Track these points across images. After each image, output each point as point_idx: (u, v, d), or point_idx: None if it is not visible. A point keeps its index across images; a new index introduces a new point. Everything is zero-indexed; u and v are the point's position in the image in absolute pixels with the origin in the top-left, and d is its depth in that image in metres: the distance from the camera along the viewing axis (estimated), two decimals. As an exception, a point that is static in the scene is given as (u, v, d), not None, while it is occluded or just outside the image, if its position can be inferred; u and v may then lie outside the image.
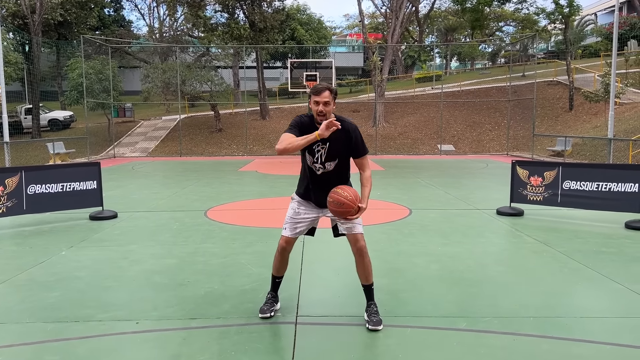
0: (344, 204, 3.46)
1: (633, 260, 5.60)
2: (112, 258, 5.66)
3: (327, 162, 3.71)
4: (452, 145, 25.03)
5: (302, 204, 3.87)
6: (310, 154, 3.72)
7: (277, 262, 3.95)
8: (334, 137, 3.60)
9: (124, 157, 22.91)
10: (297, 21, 38.36)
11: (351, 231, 3.73)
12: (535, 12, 35.92)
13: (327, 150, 3.68)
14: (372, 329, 3.64)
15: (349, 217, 3.50)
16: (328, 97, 3.58)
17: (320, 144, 3.67)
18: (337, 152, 3.70)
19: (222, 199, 9.99)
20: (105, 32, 35.97)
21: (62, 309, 4.10)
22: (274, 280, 4.02)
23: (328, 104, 3.58)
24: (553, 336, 3.55)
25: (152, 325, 3.75)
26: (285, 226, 3.88)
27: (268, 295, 4.01)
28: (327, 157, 3.70)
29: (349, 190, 3.52)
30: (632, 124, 19.83)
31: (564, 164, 7.99)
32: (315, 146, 3.68)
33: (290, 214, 3.89)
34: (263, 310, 3.89)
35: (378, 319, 3.71)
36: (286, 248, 3.87)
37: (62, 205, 7.69)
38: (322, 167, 3.72)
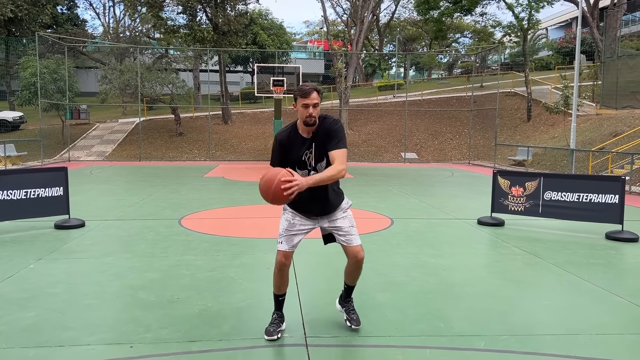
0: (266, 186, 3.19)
1: (625, 272, 5.62)
2: (87, 272, 5.23)
3: (317, 164, 3.49)
4: (415, 153, 25.25)
5: (296, 215, 3.60)
6: (301, 168, 3.49)
7: (277, 280, 3.64)
8: (318, 137, 3.44)
9: (79, 161, 21.92)
10: (259, 26, 37.99)
11: (350, 243, 3.58)
12: (492, 24, 36.94)
13: (315, 153, 3.47)
14: (355, 327, 3.74)
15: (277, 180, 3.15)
16: (317, 98, 3.35)
17: (308, 151, 3.47)
18: (324, 151, 3.47)
19: (194, 206, 9.58)
20: (59, 30, 34.53)
21: (42, 332, 3.69)
22: (277, 299, 3.73)
23: (317, 105, 3.35)
24: (577, 356, 3.42)
25: (149, 350, 3.41)
26: (280, 240, 3.58)
27: (273, 316, 3.72)
28: (316, 160, 3.48)
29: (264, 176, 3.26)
30: (589, 135, 20.49)
31: (546, 175, 8.03)
32: (304, 156, 3.47)
33: (285, 225, 3.60)
34: (269, 332, 3.60)
35: (357, 316, 3.82)
36: (285, 263, 3.56)
37: (25, 213, 7.13)
38: (315, 171, 3.50)
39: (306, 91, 3.32)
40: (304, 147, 3.45)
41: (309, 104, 3.32)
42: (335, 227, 3.61)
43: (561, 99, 20.83)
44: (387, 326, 3.87)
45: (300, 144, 3.45)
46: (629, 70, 21.89)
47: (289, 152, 3.47)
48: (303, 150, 3.45)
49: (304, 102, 3.32)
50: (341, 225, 3.60)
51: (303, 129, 3.44)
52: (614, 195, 7.33)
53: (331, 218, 3.61)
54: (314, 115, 3.34)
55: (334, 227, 3.62)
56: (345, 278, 3.83)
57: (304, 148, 3.45)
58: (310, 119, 3.34)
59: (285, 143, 3.46)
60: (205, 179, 14.82)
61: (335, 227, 3.61)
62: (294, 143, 3.45)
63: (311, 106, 3.32)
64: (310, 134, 3.45)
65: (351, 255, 3.60)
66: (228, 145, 25.33)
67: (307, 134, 3.45)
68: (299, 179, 3.20)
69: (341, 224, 3.61)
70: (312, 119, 3.35)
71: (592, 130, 21.01)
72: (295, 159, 3.47)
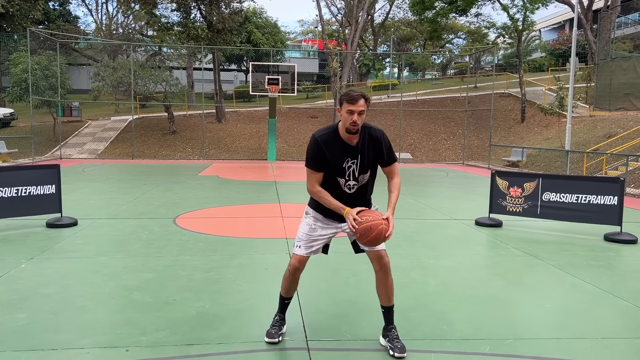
0: (372, 228, 3.09)
1: (626, 275, 5.56)
2: (80, 272, 5.10)
3: (360, 176, 3.36)
4: (410, 153, 25.21)
5: (318, 220, 3.45)
6: (339, 176, 3.33)
7: (287, 283, 3.54)
8: (365, 147, 3.30)
9: (71, 159, 21.68)
10: (253, 24, 37.82)
11: (373, 247, 3.38)
12: (486, 26, 37.05)
13: (360, 164, 3.32)
14: (399, 356, 3.30)
15: (384, 235, 3.11)
16: (364, 105, 3.17)
17: (350, 160, 3.31)
18: (369, 163, 3.35)
19: (189, 205, 9.45)
20: (51, 26, 34.15)
21: (34, 334, 3.57)
22: (282, 301, 3.63)
23: (363, 113, 3.18)
24: (584, 360, 3.35)
25: (145, 354, 3.29)
26: (299, 244, 3.46)
27: (275, 318, 3.62)
28: (360, 171, 3.34)
29: (367, 214, 3.16)
30: (583, 137, 20.53)
31: (544, 176, 7.98)
32: (345, 163, 3.30)
33: (305, 230, 3.46)
34: (271, 334, 3.50)
35: (402, 344, 3.37)
36: (299, 268, 3.45)
37: (16, 211, 6.98)
38: (356, 182, 3.36)
39: (354, 97, 3.16)
40: (346, 155, 3.29)
41: (355, 111, 3.16)
42: None
43: (556, 101, 20.85)
44: (389, 329, 3.78)
45: (342, 150, 3.28)
46: (622, 72, 21.97)
47: (328, 156, 3.28)
48: (345, 158, 3.29)
49: (349, 108, 3.16)
50: None
51: (345, 135, 3.27)
52: (613, 196, 7.28)
53: None
54: (358, 123, 3.19)
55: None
56: (380, 299, 3.51)
57: (347, 155, 3.29)
58: (354, 127, 3.19)
59: (328, 145, 3.26)
60: (200, 178, 14.68)
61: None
62: (336, 147, 3.28)
63: (356, 113, 3.16)
64: (354, 142, 3.30)
65: (375, 259, 3.42)
66: (222, 144, 25.17)
67: (350, 141, 3.28)
68: (391, 222, 3.15)
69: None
70: (355, 127, 3.19)
71: (585, 131, 21.05)
72: (334, 166, 3.30)
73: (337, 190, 3.34)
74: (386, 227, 3.11)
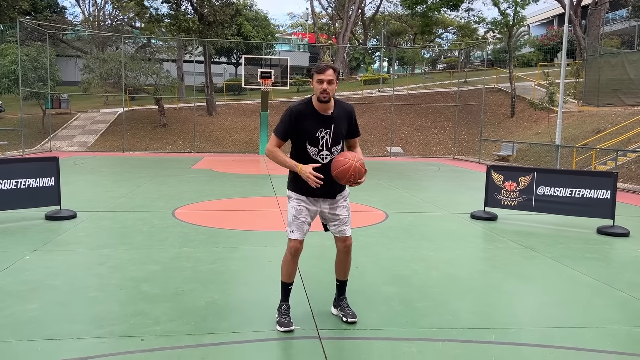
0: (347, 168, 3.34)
1: (620, 266, 5.70)
2: (86, 263, 5.13)
3: (333, 147, 3.54)
4: (401, 147, 25.35)
5: (301, 201, 3.62)
6: (312, 145, 3.51)
7: (289, 267, 3.65)
8: (338, 119, 3.51)
9: (60, 151, 21.49)
10: (244, 17, 37.64)
11: (344, 234, 3.69)
12: (475, 20, 37.22)
13: (333, 134, 3.51)
14: (352, 321, 3.71)
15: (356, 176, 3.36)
16: (332, 75, 3.40)
17: (322, 129, 3.49)
18: (341, 134, 3.58)
19: (186, 198, 9.47)
20: (38, 17, 33.77)
21: (48, 324, 3.60)
22: (286, 287, 3.72)
23: (332, 82, 3.40)
24: (586, 348, 3.46)
25: (161, 343, 3.35)
26: (291, 229, 3.60)
27: (282, 307, 3.69)
28: (332, 142, 3.53)
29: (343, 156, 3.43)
30: (572, 132, 20.79)
31: (539, 170, 8.12)
32: (318, 133, 3.48)
33: (292, 213, 3.62)
34: (284, 323, 3.57)
35: (353, 311, 3.78)
36: (299, 249, 3.63)
37: (15, 203, 6.97)
38: (329, 152, 3.54)
39: (322, 68, 3.42)
40: (320, 124, 3.47)
41: (324, 80, 3.37)
42: (335, 215, 3.66)
43: (546, 96, 21.07)
44: (397, 319, 3.87)
45: (316, 121, 3.47)
46: (611, 68, 22.24)
47: (301, 126, 3.47)
48: (319, 127, 3.47)
49: (319, 77, 3.39)
50: (340, 213, 3.66)
51: (318, 105, 3.46)
52: (606, 190, 7.44)
53: (333, 204, 3.65)
54: (328, 92, 3.38)
55: (333, 215, 3.66)
56: (336, 273, 3.87)
57: (320, 125, 3.47)
58: (324, 95, 3.39)
59: (299, 116, 3.46)
60: (193, 171, 14.67)
61: (334, 214, 3.66)
62: (310, 117, 3.46)
63: (325, 82, 3.37)
64: (328, 112, 3.48)
65: (341, 240, 3.71)
66: (213, 137, 25.11)
67: (324, 111, 3.47)
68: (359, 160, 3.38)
69: (341, 212, 3.66)
70: (326, 96, 3.39)
71: (574, 127, 21.32)
72: (308, 135, 3.48)
73: (311, 161, 3.52)
74: (361, 164, 3.38)
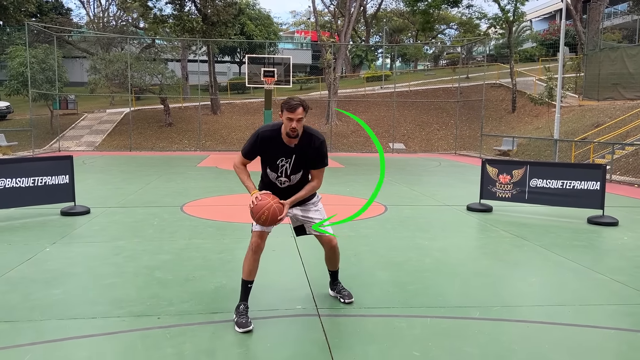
0: (255, 212, 3.56)
1: (605, 253, 6.05)
2: (102, 254, 5.50)
3: (292, 175, 3.74)
4: (403, 143, 25.66)
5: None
6: (272, 170, 3.72)
7: (250, 263, 3.69)
8: (301, 150, 3.66)
9: (69, 151, 21.93)
10: (246, 16, 38.00)
11: (323, 234, 3.92)
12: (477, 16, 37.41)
13: (293, 164, 3.70)
14: (349, 301, 4.07)
15: (279, 216, 3.56)
16: (301, 113, 3.53)
17: (284, 159, 3.68)
18: (303, 164, 3.73)
19: (193, 194, 9.85)
20: (44, 19, 34.23)
21: (72, 306, 3.98)
22: (246, 286, 3.71)
23: (300, 120, 3.54)
24: (562, 322, 3.81)
25: (175, 320, 3.72)
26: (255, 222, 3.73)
27: (241, 307, 3.66)
28: (292, 171, 3.72)
29: (265, 197, 3.60)
30: (571, 126, 21.06)
31: (532, 163, 8.44)
32: (279, 161, 3.68)
33: None
34: (242, 324, 3.54)
35: (348, 292, 4.16)
36: (260, 245, 3.71)
37: (32, 200, 7.35)
38: (288, 180, 3.75)
39: (292, 106, 3.51)
40: (281, 154, 3.65)
41: (293, 119, 3.50)
42: (308, 218, 3.90)
43: (545, 91, 21.33)
44: (390, 300, 4.23)
45: (280, 149, 3.65)
46: (611, 62, 22.48)
47: (265, 152, 3.66)
48: (280, 156, 3.66)
49: (288, 115, 3.51)
50: (313, 216, 3.90)
51: (285, 137, 3.63)
52: (596, 182, 7.76)
53: (304, 208, 3.89)
54: (297, 129, 3.55)
55: (306, 217, 3.90)
56: (327, 266, 4.19)
57: (282, 155, 3.65)
58: (293, 132, 3.56)
59: (266, 141, 3.64)
60: (199, 169, 15.06)
61: (307, 217, 3.90)
62: (274, 145, 3.64)
63: (295, 120, 3.51)
64: (292, 144, 3.65)
65: (326, 242, 3.95)
66: (218, 136, 25.50)
67: (289, 142, 3.64)
68: (286, 209, 3.60)
69: (313, 215, 3.90)
70: (294, 132, 3.56)
71: (574, 121, 21.58)
72: (269, 161, 3.70)
73: (271, 183, 3.79)
74: (280, 209, 3.57)
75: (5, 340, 3.35)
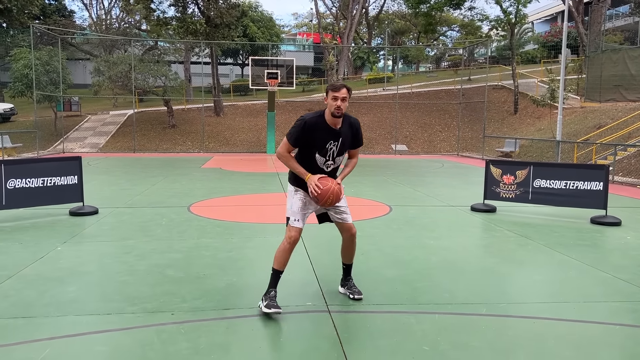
0: (322, 195, 3.77)
1: (608, 252, 6.12)
2: (113, 253, 5.59)
3: (337, 157, 3.98)
4: (405, 145, 25.74)
5: (306, 195, 3.98)
6: (321, 155, 3.91)
7: (285, 255, 3.89)
8: (344, 133, 3.92)
9: (73, 153, 22.04)
10: (249, 18, 38.14)
11: (346, 220, 4.08)
12: (479, 18, 37.51)
13: (339, 146, 3.93)
14: (358, 297, 4.16)
15: (341, 195, 3.84)
16: (346, 93, 3.78)
17: (332, 142, 3.88)
18: (346, 146, 4.00)
19: (199, 195, 9.94)
20: (47, 21, 34.38)
21: (87, 303, 4.07)
22: (277, 275, 3.91)
23: (345, 99, 3.77)
24: (567, 318, 3.88)
25: (189, 316, 3.80)
26: (296, 218, 3.92)
27: (272, 293, 3.87)
28: (338, 153, 3.96)
29: (324, 180, 3.84)
30: (574, 128, 21.13)
31: (535, 164, 8.52)
32: (328, 144, 3.88)
33: (299, 205, 3.96)
34: (274, 305, 3.77)
35: (358, 289, 4.24)
36: (298, 239, 3.91)
37: (42, 200, 7.46)
38: (333, 162, 3.98)
39: (337, 86, 3.81)
40: (330, 137, 3.87)
41: (338, 97, 3.75)
42: (335, 206, 4.02)
43: (548, 92, 21.40)
44: (398, 297, 4.31)
45: (326, 133, 3.86)
46: (613, 64, 22.54)
47: (312, 137, 3.85)
48: (329, 140, 3.87)
49: (334, 94, 3.75)
50: (340, 204, 4.04)
51: (330, 119, 3.84)
52: (599, 182, 7.84)
53: None
54: (341, 108, 3.77)
55: (333, 206, 4.02)
56: (342, 258, 4.28)
57: (330, 138, 3.87)
58: (338, 111, 3.77)
59: (312, 127, 3.83)
60: (204, 170, 15.15)
61: (334, 205, 4.01)
62: (321, 130, 3.85)
63: (340, 99, 3.74)
64: (337, 126, 3.88)
65: (346, 229, 4.09)
66: (221, 137, 25.61)
67: (334, 125, 3.86)
68: (338, 183, 3.88)
69: (340, 202, 4.04)
70: (339, 111, 3.78)
71: (576, 122, 21.65)
72: (318, 145, 3.87)
73: (315, 169, 3.94)
74: (340, 189, 3.83)
75: (24, 335, 3.44)
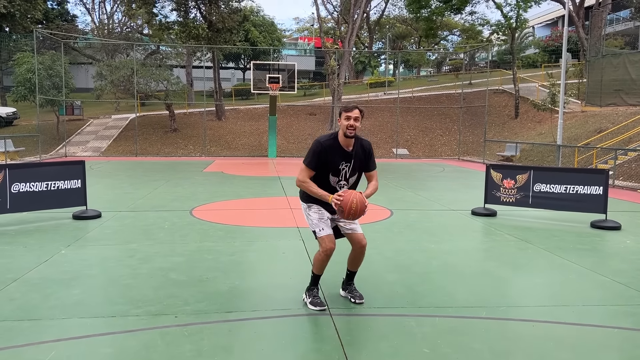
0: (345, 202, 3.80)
1: (608, 256, 6.16)
2: (116, 256, 5.64)
3: (350, 177, 4.09)
4: (406, 149, 25.80)
5: (321, 208, 4.11)
6: (334, 175, 4.04)
7: (323, 263, 4.08)
8: (357, 154, 4.03)
9: (75, 157, 22.13)
10: (251, 23, 38.27)
11: (356, 231, 4.15)
12: (480, 23, 37.61)
13: (352, 167, 4.05)
14: (360, 302, 4.21)
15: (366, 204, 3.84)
16: (358, 114, 3.92)
17: (344, 163, 4.01)
18: (358, 167, 4.10)
19: (201, 199, 9.99)
20: (50, 26, 34.52)
21: (92, 306, 4.11)
22: (317, 278, 4.19)
23: (358, 119, 3.90)
24: (566, 322, 3.93)
25: (192, 319, 3.85)
26: (320, 227, 4.04)
27: (314, 290, 4.18)
28: (350, 173, 4.07)
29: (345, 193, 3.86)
30: (574, 132, 21.17)
31: (535, 168, 8.57)
32: (341, 165, 4.01)
33: (317, 216, 4.08)
34: (318, 303, 4.08)
35: (360, 293, 4.29)
36: (333, 248, 4.01)
37: (46, 204, 7.51)
38: (346, 182, 4.09)
39: (349, 107, 3.95)
40: (342, 159, 3.99)
41: (351, 117, 3.88)
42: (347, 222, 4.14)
43: (548, 97, 21.45)
44: (399, 300, 4.36)
45: (339, 155, 3.99)
46: (613, 68, 22.61)
47: (327, 159, 3.97)
48: (341, 161, 3.99)
49: (347, 114, 3.89)
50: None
51: (343, 140, 3.97)
52: (599, 187, 7.87)
53: None
54: (354, 128, 3.88)
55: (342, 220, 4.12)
56: (348, 265, 4.34)
57: (342, 159, 3.99)
58: (350, 131, 3.89)
59: (328, 149, 3.95)
60: (206, 174, 15.22)
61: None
62: (335, 152, 3.97)
63: (352, 119, 3.88)
64: (350, 148, 3.99)
65: (356, 241, 4.14)
66: (223, 141, 25.67)
67: (347, 147, 3.99)
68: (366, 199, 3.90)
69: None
70: (352, 131, 3.90)
71: (577, 126, 21.69)
72: (332, 167, 4.00)
73: (329, 188, 4.04)
74: (363, 198, 3.86)
75: (30, 338, 3.49)
